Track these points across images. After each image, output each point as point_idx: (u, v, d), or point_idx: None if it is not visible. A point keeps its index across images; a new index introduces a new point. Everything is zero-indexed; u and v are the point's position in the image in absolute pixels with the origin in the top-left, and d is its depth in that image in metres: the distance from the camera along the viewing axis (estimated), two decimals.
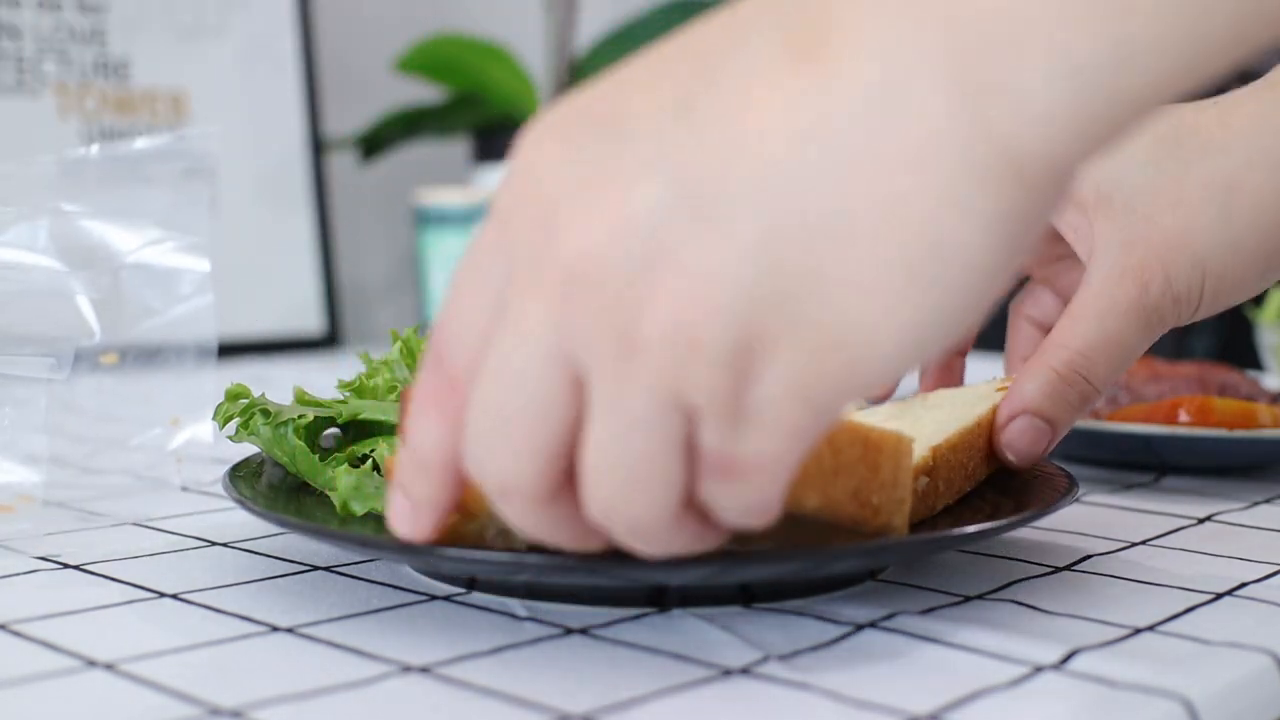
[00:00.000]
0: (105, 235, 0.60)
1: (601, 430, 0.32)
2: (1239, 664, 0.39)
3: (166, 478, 0.65)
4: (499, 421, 0.33)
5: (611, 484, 0.33)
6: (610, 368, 0.31)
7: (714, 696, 0.36)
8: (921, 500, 0.48)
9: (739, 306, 0.30)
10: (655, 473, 0.32)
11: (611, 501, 0.33)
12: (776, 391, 0.31)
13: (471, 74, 1.38)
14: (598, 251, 0.31)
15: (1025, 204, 0.30)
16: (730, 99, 0.31)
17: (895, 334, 0.30)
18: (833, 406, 0.32)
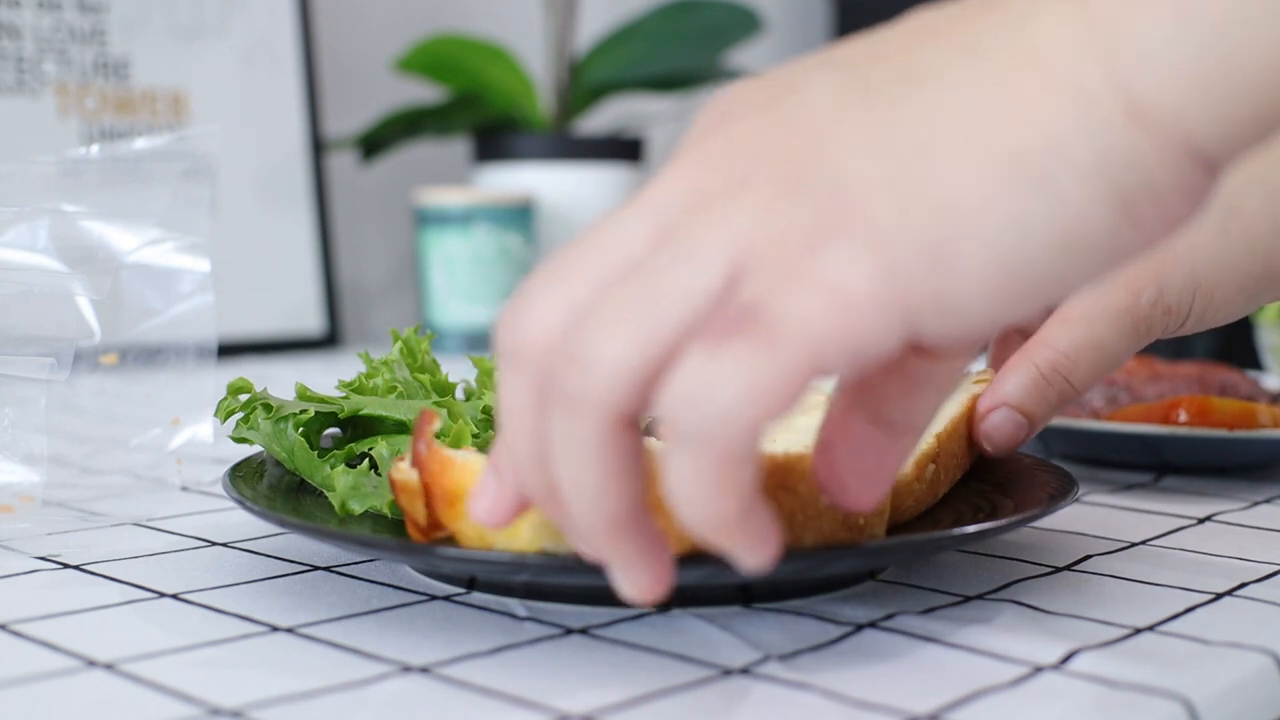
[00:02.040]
0: (105, 235, 0.60)
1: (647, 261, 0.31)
2: (1239, 664, 0.39)
3: (166, 478, 0.65)
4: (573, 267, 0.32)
5: (602, 307, 0.31)
6: (705, 204, 0.31)
7: (714, 696, 0.36)
8: (929, 488, 0.49)
9: (851, 154, 0.31)
10: (668, 306, 0.30)
11: (584, 333, 0.31)
12: (852, 249, 0.30)
13: (471, 74, 1.38)
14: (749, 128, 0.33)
15: (1144, 151, 0.30)
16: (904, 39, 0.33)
17: (991, 225, 0.29)
18: (908, 293, 0.30)
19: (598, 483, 0.32)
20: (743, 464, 0.30)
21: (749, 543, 0.32)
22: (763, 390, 0.29)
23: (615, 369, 0.30)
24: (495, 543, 0.39)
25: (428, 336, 0.56)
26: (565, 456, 0.32)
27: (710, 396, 0.29)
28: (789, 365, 0.29)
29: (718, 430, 0.29)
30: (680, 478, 0.30)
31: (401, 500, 0.42)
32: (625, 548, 0.33)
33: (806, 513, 0.40)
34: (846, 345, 0.30)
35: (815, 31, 1.95)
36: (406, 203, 1.49)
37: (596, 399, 0.31)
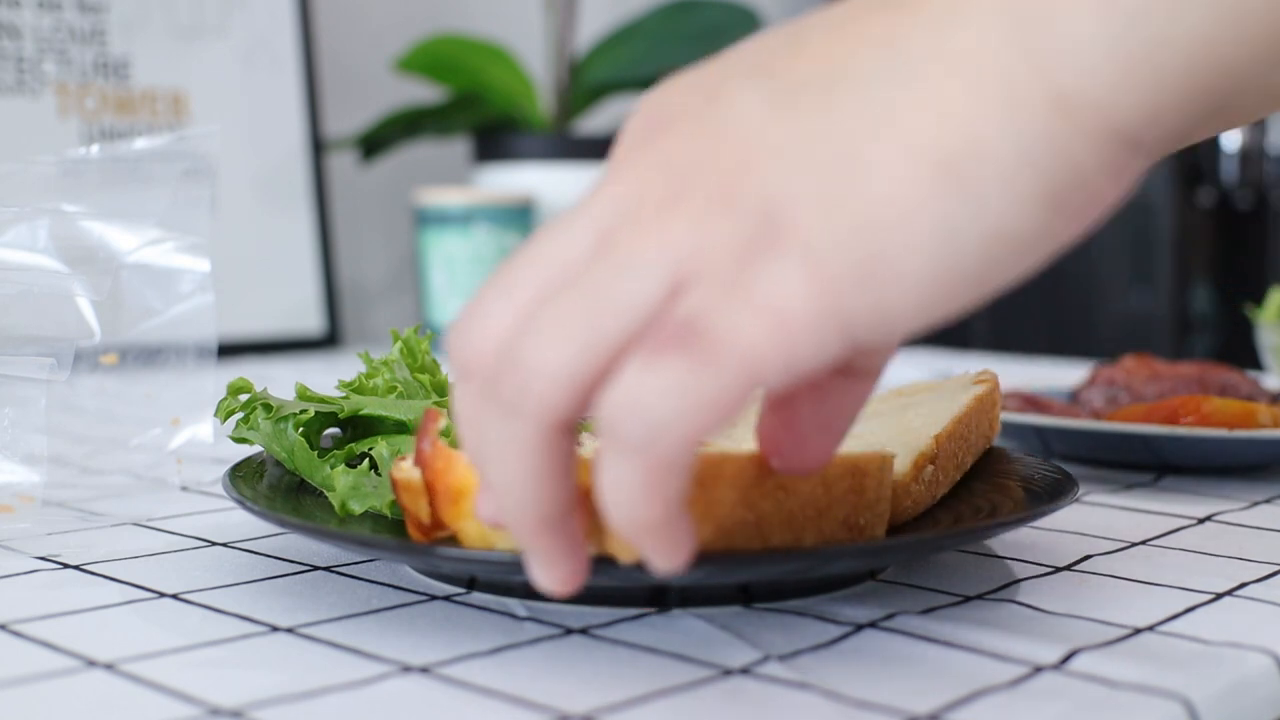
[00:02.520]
0: (105, 235, 0.60)
1: (586, 271, 0.32)
2: (1239, 664, 0.39)
3: (166, 478, 0.65)
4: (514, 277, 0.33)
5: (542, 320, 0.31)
6: (643, 213, 0.32)
7: (714, 696, 0.36)
8: (928, 489, 0.49)
9: (780, 169, 0.31)
10: (602, 314, 0.31)
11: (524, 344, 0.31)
12: (785, 267, 0.30)
13: (471, 74, 1.38)
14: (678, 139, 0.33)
15: (1072, 144, 0.30)
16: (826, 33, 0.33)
17: (920, 234, 0.30)
18: (844, 308, 0.30)
19: (529, 485, 0.33)
20: (673, 474, 0.31)
21: (667, 549, 0.33)
22: (699, 405, 0.30)
23: (555, 375, 0.31)
24: (498, 542, 0.39)
25: (428, 336, 0.56)
26: (499, 458, 0.33)
27: (647, 408, 0.30)
28: (726, 382, 0.30)
29: (652, 441, 0.30)
30: (611, 481, 0.31)
31: (404, 499, 0.42)
32: (548, 545, 0.34)
33: (806, 513, 0.40)
34: (785, 363, 0.30)
35: None
36: (406, 203, 1.49)
37: (535, 404, 0.31)
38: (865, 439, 0.52)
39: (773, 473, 0.39)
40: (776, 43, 0.34)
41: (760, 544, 0.39)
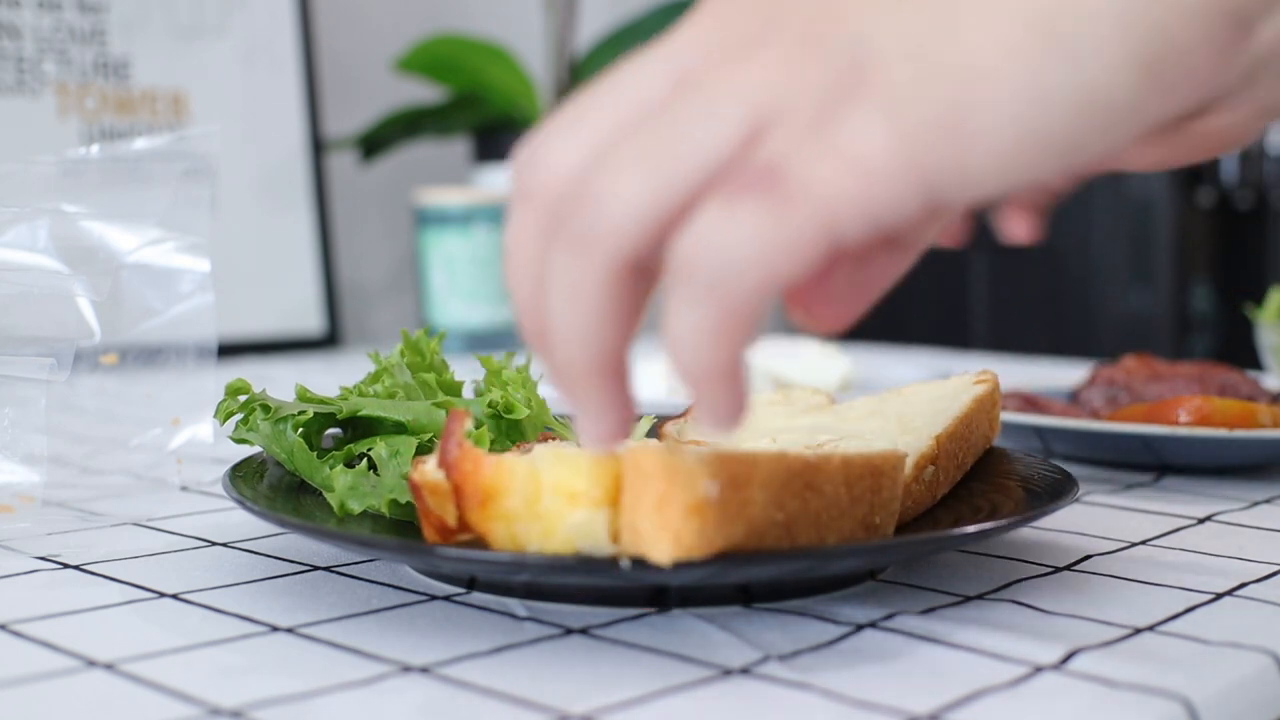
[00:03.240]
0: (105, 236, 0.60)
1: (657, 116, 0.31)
2: (1239, 664, 0.39)
3: (166, 478, 0.65)
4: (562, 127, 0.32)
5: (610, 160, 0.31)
6: (731, 51, 0.31)
7: (714, 696, 0.36)
8: (928, 490, 0.49)
9: (872, 16, 0.30)
10: (680, 151, 0.30)
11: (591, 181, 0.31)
12: (869, 116, 0.29)
13: (471, 74, 1.38)
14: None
15: (1172, 10, 0.29)
16: None
17: (1009, 90, 0.29)
18: (926, 160, 0.29)
19: (590, 325, 0.31)
20: (743, 321, 0.30)
21: (724, 402, 0.32)
22: (774, 250, 0.29)
23: (629, 211, 0.30)
24: (529, 544, 0.39)
25: (439, 336, 0.56)
26: (563, 294, 0.31)
27: (722, 250, 0.29)
28: (804, 229, 0.29)
29: (725, 284, 0.29)
30: (681, 325, 0.30)
31: (428, 501, 0.42)
32: (600, 392, 0.33)
33: (830, 513, 0.40)
34: (863, 213, 0.29)
35: None
36: (406, 203, 1.49)
37: (607, 240, 0.30)
38: (868, 438, 0.52)
39: (800, 474, 0.39)
40: None
41: (789, 543, 0.39)
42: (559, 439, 0.53)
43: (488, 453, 0.40)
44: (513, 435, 0.53)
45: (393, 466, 0.49)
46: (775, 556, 0.39)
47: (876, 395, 0.57)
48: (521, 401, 0.53)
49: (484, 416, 0.53)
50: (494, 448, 0.52)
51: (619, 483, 0.38)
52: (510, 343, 1.29)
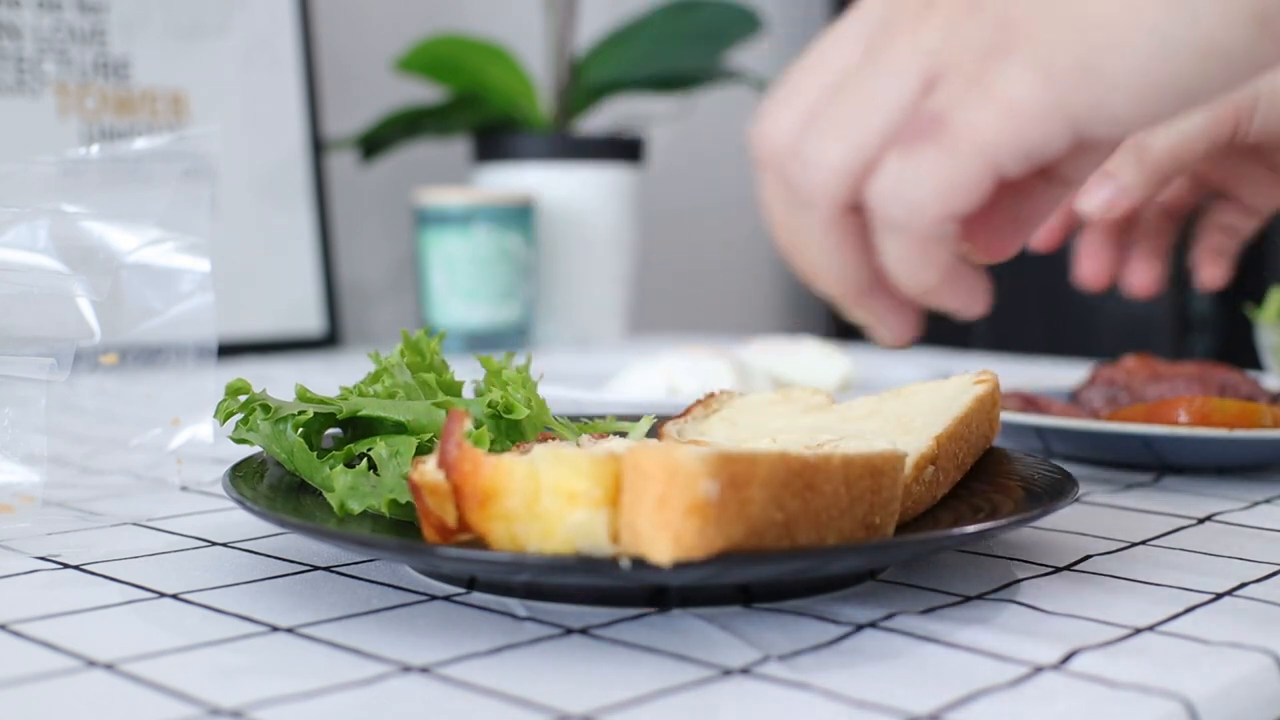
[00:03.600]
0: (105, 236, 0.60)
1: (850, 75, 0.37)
2: (1239, 664, 0.39)
3: (166, 478, 0.65)
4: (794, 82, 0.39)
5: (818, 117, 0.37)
6: (897, 23, 0.37)
7: (714, 696, 0.36)
8: (928, 490, 0.49)
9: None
10: (859, 113, 0.36)
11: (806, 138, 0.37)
12: (1018, 66, 0.35)
13: (471, 74, 1.38)
14: None
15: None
16: None
17: (1136, 42, 0.34)
18: (1068, 103, 0.35)
19: (832, 258, 0.39)
20: (937, 245, 0.37)
21: (961, 299, 0.39)
22: (947, 187, 0.35)
23: (832, 168, 0.37)
24: (529, 544, 0.39)
25: (439, 336, 0.56)
26: (807, 240, 0.39)
27: (904, 192, 0.36)
28: (969, 166, 0.35)
29: (912, 220, 0.36)
30: (892, 256, 0.38)
31: (428, 502, 0.42)
32: (873, 304, 0.40)
33: (830, 512, 0.40)
34: (1017, 149, 0.35)
35: (815, 31, 1.95)
36: (406, 203, 1.49)
37: (820, 193, 0.37)
38: (866, 439, 0.52)
39: (801, 474, 0.39)
40: None
41: (789, 543, 0.39)
42: (559, 439, 0.53)
43: (487, 453, 0.40)
44: (512, 435, 0.53)
45: (393, 466, 0.49)
46: (775, 556, 0.39)
47: (876, 395, 0.57)
48: (521, 402, 0.53)
49: (484, 417, 0.53)
50: (494, 448, 0.52)
51: (619, 483, 0.38)
52: (510, 343, 1.29)
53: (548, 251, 1.38)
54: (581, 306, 1.40)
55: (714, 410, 0.59)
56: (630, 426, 0.56)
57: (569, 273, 1.39)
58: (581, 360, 1.21)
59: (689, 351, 0.95)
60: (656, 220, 1.71)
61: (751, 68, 1.71)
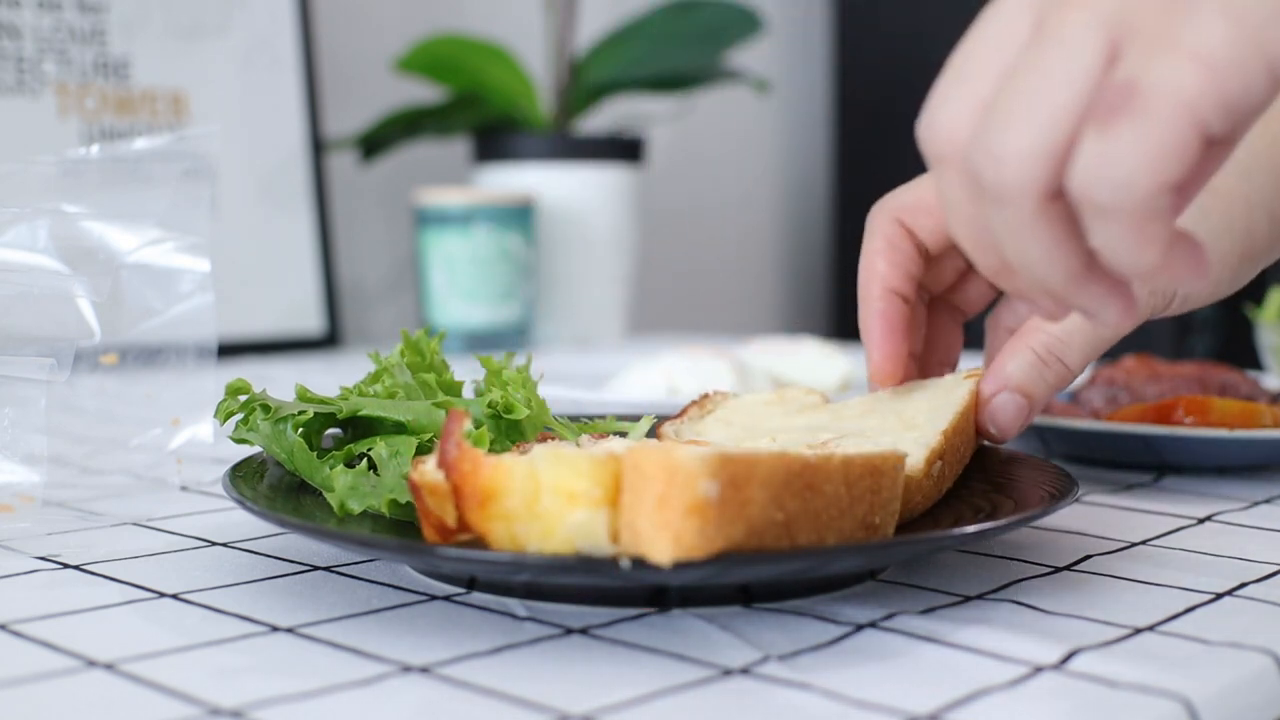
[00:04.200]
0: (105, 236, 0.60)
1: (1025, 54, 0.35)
2: (1239, 664, 0.39)
3: (166, 478, 0.65)
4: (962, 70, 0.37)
5: (999, 106, 0.35)
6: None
7: (714, 696, 0.36)
8: (935, 485, 0.49)
9: None
10: (1046, 95, 0.34)
11: (991, 133, 0.35)
12: (1207, 16, 0.33)
13: (471, 74, 1.38)
14: None
15: None
16: None
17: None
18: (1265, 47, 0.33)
19: (1042, 254, 0.36)
20: (1155, 220, 0.34)
21: (1184, 273, 0.36)
22: (1155, 157, 0.33)
23: (1025, 157, 0.34)
24: (529, 544, 0.39)
25: (439, 336, 0.56)
26: (1008, 239, 0.36)
27: (1109, 173, 0.33)
28: (1173, 130, 0.33)
29: (1125, 199, 0.33)
30: (1105, 243, 0.35)
31: (428, 502, 0.42)
32: (1089, 293, 0.37)
33: (830, 512, 0.40)
34: (1220, 102, 0.33)
35: (815, 31, 1.95)
36: (406, 203, 1.49)
37: (1017, 188, 0.35)
38: (869, 435, 0.52)
39: (801, 474, 0.39)
40: None
41: (788, 543, 0.39)
42: (559, 439, 0.53)
43: (487, 453, 0.40)
44: (512, 435, 0.53)
45: (393, 466, 0.49)
46: (775, 556, 0.39)
47: (871, 394, 0.57)
48: (521, 402, 0.53)
49: (484, 417, 0.53)
50: (494, 448, 0.52)
51: (618, 483, 0.38)
52: (510, 343, 1.29)
53: (548, 251, 1.38)
54: (581, 306, 1.40)
55: (709, 411, 0.59)
56: (630, 426, 0.56)
57: (569, 273, 1.39)
58: (581, 360, 1.21)
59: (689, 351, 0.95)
60: (656, 220, 1.71)
61: (751, 68, 1.71)
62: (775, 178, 1.94)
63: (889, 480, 0.43)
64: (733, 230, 1.88)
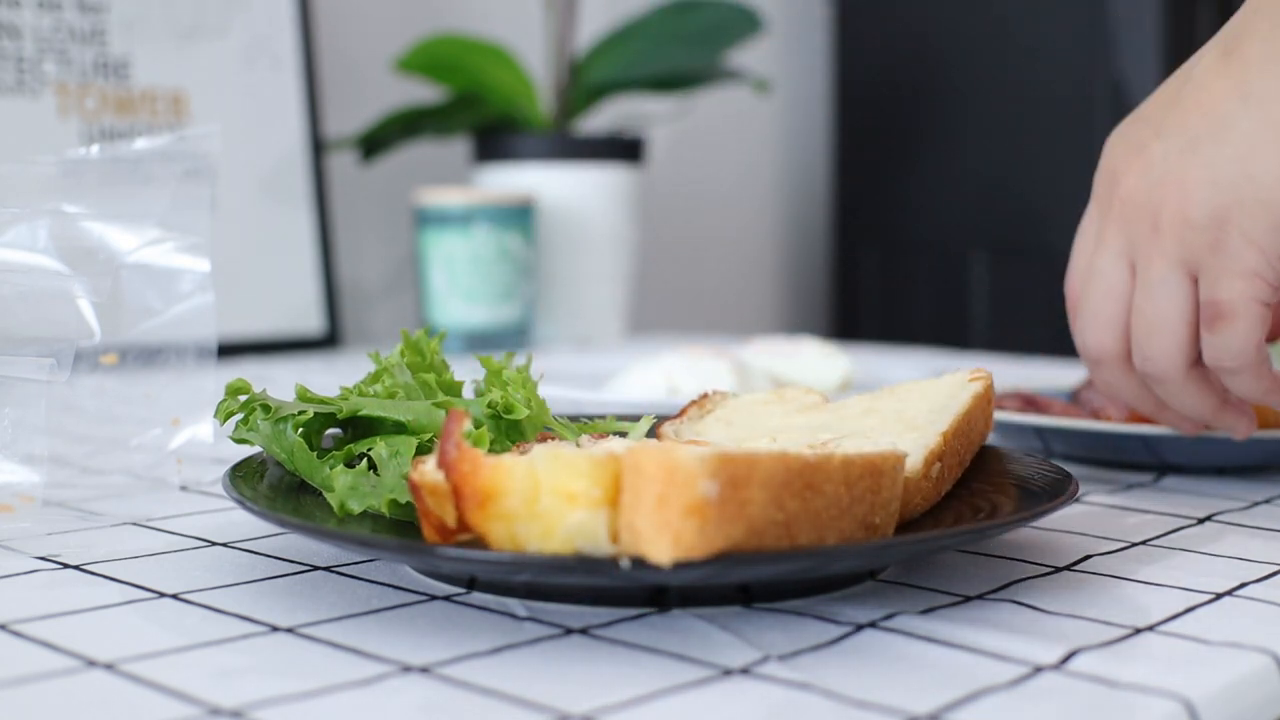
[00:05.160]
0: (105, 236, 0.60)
1: (1138, 295, 0.55)
2: (1239, 664, 0.39)
3: (166, 478, 0.65)
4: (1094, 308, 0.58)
5: (1139, 329, 0.55)
6: (1144, 248, 0.54)
7: (714, 696, 0.36)
8: (935, 486, 0.49)
9: (1214, 199, 0.53)
10: (1168, 319, 0.54)
11: (1140, 345, 0.55)
12: (1239, 243, 0.52)
13: (471, 74, 1.38)
14: (1134, 185, 0.55)
15: None
16: (1196, 86, 0.55)
17: None
18: (1273, 246, 0.52)
19: (1192, 400, 0.57)
20: (1260, 365, 0.54)
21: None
22: (1248, 335, 0.53)
23: (1169, 357, 0.55)
24: (528, 544, 0.39)
25: (439, 336, 0.56)
26: (1169, 398, 0.57)
27: (1228, 355, 0.54)
28: (1251, 317, 0.53)
29: (1239, 365, 0.54)
30: (1237, 387, 0.56)
31: (428, 502, 0.42)
32: (1226, 418, 0.58)
33: (830, 512, 0.40)
34: (1267, 288, 0.53)
35: (815, 31, 1.95)
36: (406, 203, 1.49)
37: (1169, 373, 0.56)
38: (869, 435, 0.52)
39: (801, 474, 0.39)
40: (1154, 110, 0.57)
41: (788, 543, 0.39)
42: (558, 439, 0.53)
43: (487, 453, 0.40)
44: (512, 435, 0.53)
45: (393, 466, 0.49)
46: (775, 556, 0.39)
47: (871, 393, 0.57)
48: (521, 402, 0.53)
49: (484, 417, 0.53)
50: (494, 448, 0.52)
51: (618, 483, 0.38)
52: (510, 343, 1.29)
53: (548, 251, 1.38)
54: (581, 306, 1.40)
55: (708, 411, 0.59)
56: (630, 426, 0.56)
57: (569, 273, 1.39)
58: (581, 360, 1.21)
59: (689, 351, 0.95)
60: (656, 220, 1.71)
61: (751, 68, 1.71)
62: (775, 178, 1.94)
63: (889, 480, 0.43)
64: (733, 230, 1.88)
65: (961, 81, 1.76)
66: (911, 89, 1.82)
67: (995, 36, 1.73)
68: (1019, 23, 1.71)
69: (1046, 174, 1.69)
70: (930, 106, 1.80)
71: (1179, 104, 0.55)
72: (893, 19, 1.84)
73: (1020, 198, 1.73)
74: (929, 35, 1.80)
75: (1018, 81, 1.71)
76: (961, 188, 1.76)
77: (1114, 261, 0.55)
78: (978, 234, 1.76)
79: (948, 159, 1.77)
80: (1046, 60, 1.68)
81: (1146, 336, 0.55)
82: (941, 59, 1.79)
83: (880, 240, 1.85)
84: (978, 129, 1.75)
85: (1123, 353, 0.57)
